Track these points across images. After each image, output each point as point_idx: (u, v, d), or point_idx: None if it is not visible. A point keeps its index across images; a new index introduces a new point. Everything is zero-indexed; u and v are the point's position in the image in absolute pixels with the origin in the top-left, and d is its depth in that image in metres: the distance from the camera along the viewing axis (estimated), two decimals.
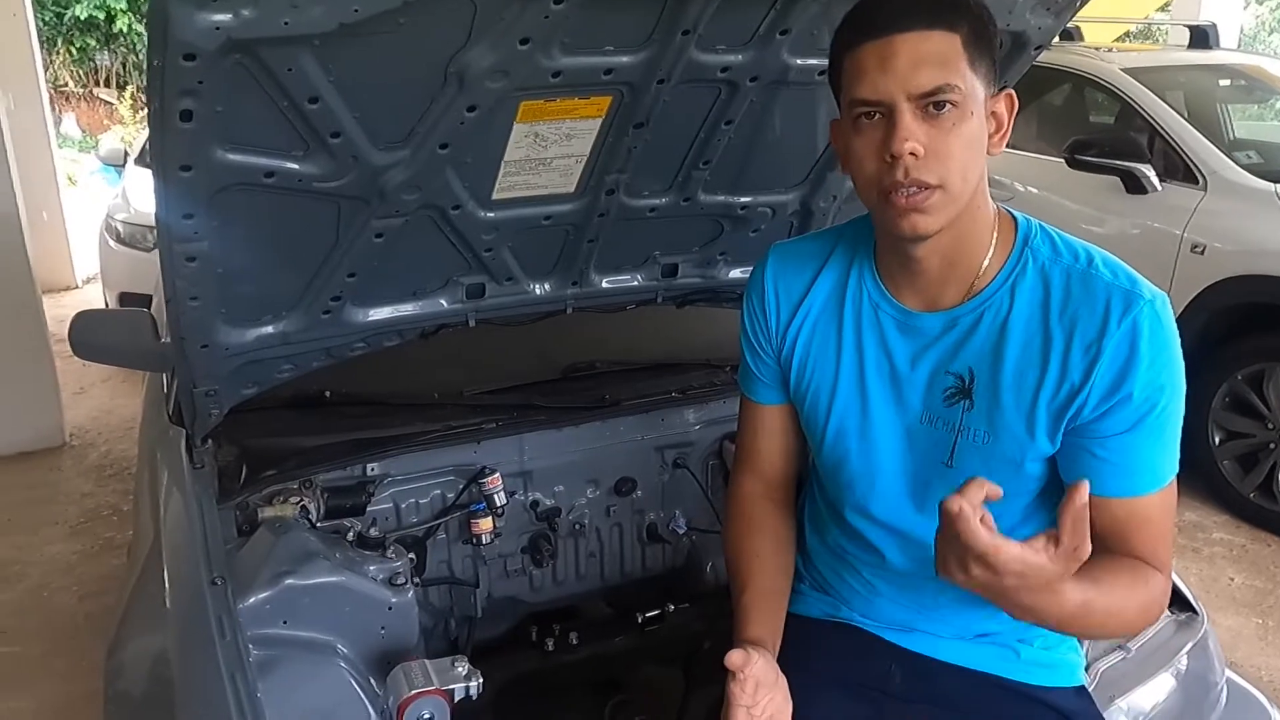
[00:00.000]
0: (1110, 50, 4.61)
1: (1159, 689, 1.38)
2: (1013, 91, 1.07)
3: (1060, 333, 1.04)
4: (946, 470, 1.11)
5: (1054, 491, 1.11)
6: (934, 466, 1.12)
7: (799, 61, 1.38)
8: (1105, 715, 1.25)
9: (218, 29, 0.97)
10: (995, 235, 1.08)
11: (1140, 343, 1.00)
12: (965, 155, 1.00)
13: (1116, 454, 1.04)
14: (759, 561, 1.22)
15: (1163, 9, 8.71)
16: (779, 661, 1.13)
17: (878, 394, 1.14)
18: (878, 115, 0.99)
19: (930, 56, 0.97)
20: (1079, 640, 1.25)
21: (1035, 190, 4.06)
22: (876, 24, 0.99)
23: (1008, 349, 1.06)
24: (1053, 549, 0.87)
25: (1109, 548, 1.06)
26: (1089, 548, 0.87)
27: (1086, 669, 1.31)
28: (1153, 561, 1.06)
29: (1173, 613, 1.47)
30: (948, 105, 0.97)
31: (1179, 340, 1.05)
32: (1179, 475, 1.11)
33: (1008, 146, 4.06)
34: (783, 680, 1.11)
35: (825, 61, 1.39)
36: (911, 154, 0.97)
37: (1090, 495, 0.97)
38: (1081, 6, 1.42)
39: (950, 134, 0.98)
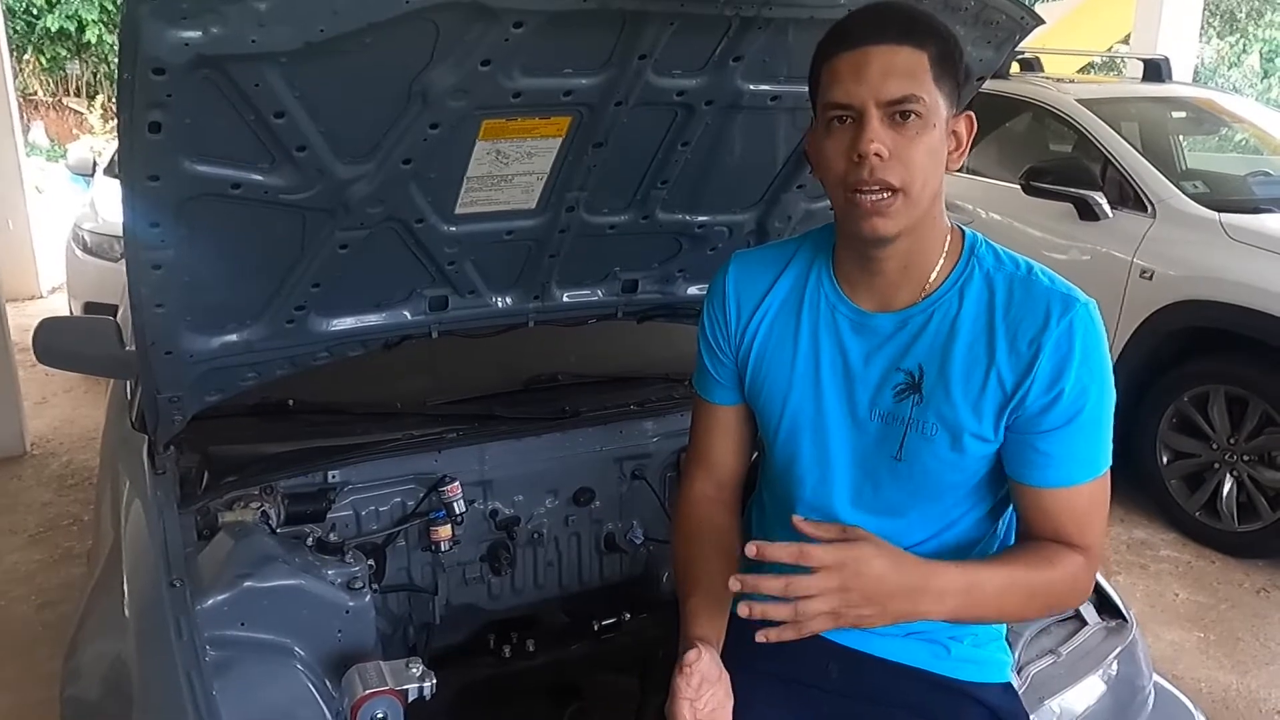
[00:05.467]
0: (1070, 81, 4.75)
1: (1089, 692, 1.43)
2: (972, 114, 1.14)
3: (1004, 331, 1.12)
4: (896, 464, 1.17)
5: (993, 480, 1.19)
6: (884, 460, 1.18)
7: (752, 87, 1.44)
8: (1037, 715, 1.31)
9: (187, 45, 1.01)
10: (947, 244, 1.17)
11: (1076, 340, 1.09)
12: (926, 163, 1.08)
13: (1056, 447, 1.12)
14: (706, 564, 1.26)
15: (1124, 42, 8.96)
16: (722, 659, 1.18)
17: (831, 391, 1.20)
18: (849, 119, 1.08)
19: (899, 68, 1.05)
20: (1006, 640, 1.31)
21: (996, 216, 4.16)
22: (853, 36, 1.08)
23: (956, 346, 1.13)
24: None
25: (1033, 532, 1.15)
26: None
27: (1018, 671, 1.37)
28: (1080, 545, 1.14)
29: (1103, 619, 1.54)
30: (912, 115, 1.06)
31: (1107, 343, 1.14)
32: (1132, 494, 1.20)
33: (970, 172, 4.22)
34: (725, 677, 1.15)
35: (777, 87, 1.47)
36: (876, 154, 1.05)
37: (1030, 487, 1.13)
38: (1019, 42, 1.49)
39: (913, 141, 1.06)
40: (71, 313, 4.73)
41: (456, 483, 1.72)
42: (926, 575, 1.06)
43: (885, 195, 1.07)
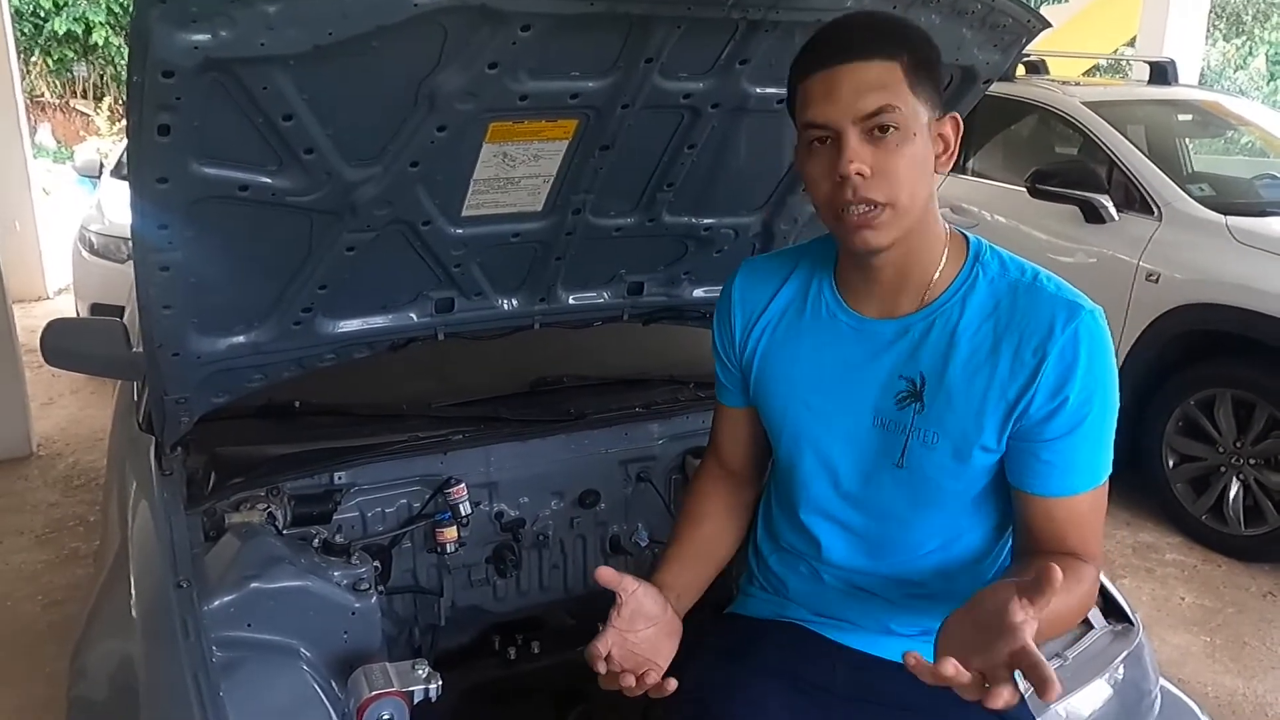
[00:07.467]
0: (1076, 84, 4.74)
1: (1095, 696, 1.43)
2: (958, 115, 1.14)
3: (1008, 339, 1.11)
4: (898, 471, 1.18)
5: (998, 491, 1.19)
6: (886, 467, 1.18)
7: (758, 90, 1.44)
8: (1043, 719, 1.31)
9: (196, 48, 1.01)
10: (946, 250, 1.16)
11: (1081, 348, 1.08)
12: (910, 174, 1.07)
13: (1058, 456, 1.11)
14: (694, 521, 1.34)
15: (1130, 44, 8.95)
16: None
17: (832, 397, 1.21)
18: (829, 140, 1.07)
19: (871, 83, 1.05)
20: None
21: (1002, 219, 4.16)
22: (823, 55, 1.08)
23: (957, 354, 1.13)
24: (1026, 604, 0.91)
25: (1043, 546, 1.14)
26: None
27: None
28: (1084, 554, 1.13)
29: (1109, 623, 1.53)
30: (891, 128, 1.05)
31: (1113, 351, 1.13)
32: (1138, 498, 1.18)
33: (975, 174, 4.23)
34: (674, 622, 1.19)
35: (783, 90, 1.46)
36: (858, 174, 1.05)
37: (1033, 495, 1.11)
38: (1026, 44, 1.49)
39: (894, 154, 1.06)
40: (78, 314, 4.74)
41: (462, 484, 1.73)
42: None
43: (872, 209, 1.07)
